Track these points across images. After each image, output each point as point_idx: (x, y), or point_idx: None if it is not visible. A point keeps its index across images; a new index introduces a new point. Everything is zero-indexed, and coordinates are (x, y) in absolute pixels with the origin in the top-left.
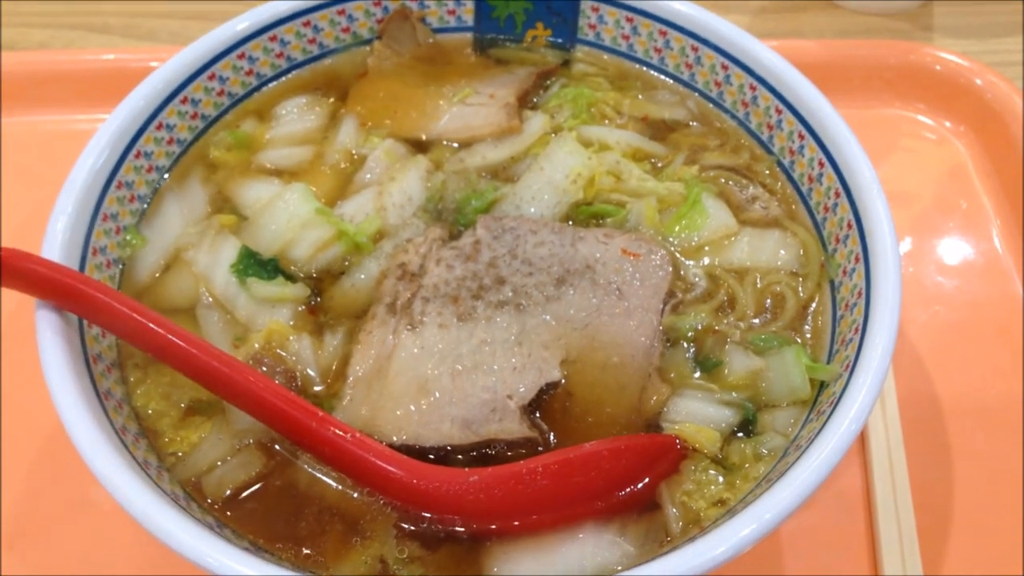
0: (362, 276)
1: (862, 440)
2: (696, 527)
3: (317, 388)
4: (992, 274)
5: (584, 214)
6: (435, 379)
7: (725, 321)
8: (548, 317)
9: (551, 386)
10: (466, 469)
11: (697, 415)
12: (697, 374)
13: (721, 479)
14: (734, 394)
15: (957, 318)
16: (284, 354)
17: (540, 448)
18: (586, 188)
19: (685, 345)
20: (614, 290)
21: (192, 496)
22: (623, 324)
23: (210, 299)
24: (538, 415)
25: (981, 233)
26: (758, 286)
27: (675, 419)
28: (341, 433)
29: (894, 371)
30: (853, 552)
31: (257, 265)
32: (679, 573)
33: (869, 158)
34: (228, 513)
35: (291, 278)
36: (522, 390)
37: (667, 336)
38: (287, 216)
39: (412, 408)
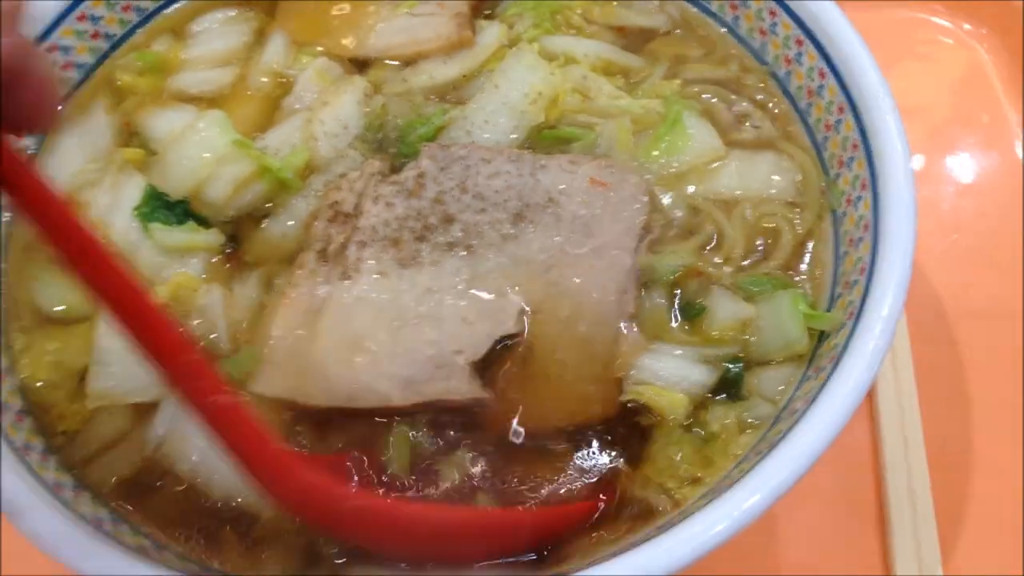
0: (289, 219)
1: (869, 394)
2: (665, 512)
3: (225, 348)
4: (1018, 196)
5: (546, 139)
6: (373, 334)
7: (710, 261)
8: (504, 260)
9: (507, 339)
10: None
11: (665, 375)
12: (676, 324)
13: (691, 455)
14: (716, 350)
15: (978, 247)
16: (192, 310)
17: (487, 409)
18: (548, 109)
19: (663, 290)
20: (581, 226)
21: (83, 484)
22: (591, 265)
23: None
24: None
25: (1005, 149)
26: (748, 219)
27: (640, 379)
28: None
29: (906, 310)
30: (859, 516)
31: (164, 208)
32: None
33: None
34: (127, 501)
35: (205, 222)
36: (473, 344)
37: (642, 279)
38: (200, 149)
39: (345, 366)
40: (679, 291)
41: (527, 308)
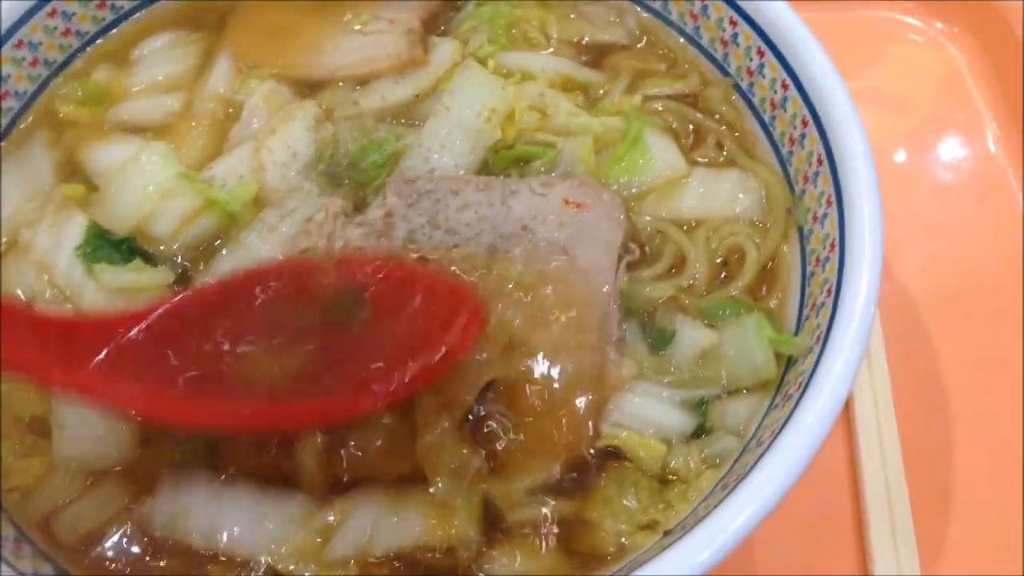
0: (241, 253)
1: (845, 407)
2: (617, 561)
3: None
4: (995, 199)
5: (505, 159)
6: None
7: (676, 286)
8: (482, 296)
9: (491, 386)
10: None
11: (644, 418)
12: (652, 355)
13: (647, 499)
14: (696, 390)
15: (955, 254)
16: None
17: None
18: (505, 127)
19: (637, 318)
20: (559, 251)
21: (28, 537)
22: (574, 292)
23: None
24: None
25: (980, 150)
26: (712, 240)
27: (618, 421)
28: None
29: (882, 324)
30: (837, 539)
31: (108, 246)
32: None
33: (844, 73)
34: (86, 554)
35: (152, 259)
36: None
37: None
38: (143, 183)
39: None
40: (649, 317)
41: (512, 345)
